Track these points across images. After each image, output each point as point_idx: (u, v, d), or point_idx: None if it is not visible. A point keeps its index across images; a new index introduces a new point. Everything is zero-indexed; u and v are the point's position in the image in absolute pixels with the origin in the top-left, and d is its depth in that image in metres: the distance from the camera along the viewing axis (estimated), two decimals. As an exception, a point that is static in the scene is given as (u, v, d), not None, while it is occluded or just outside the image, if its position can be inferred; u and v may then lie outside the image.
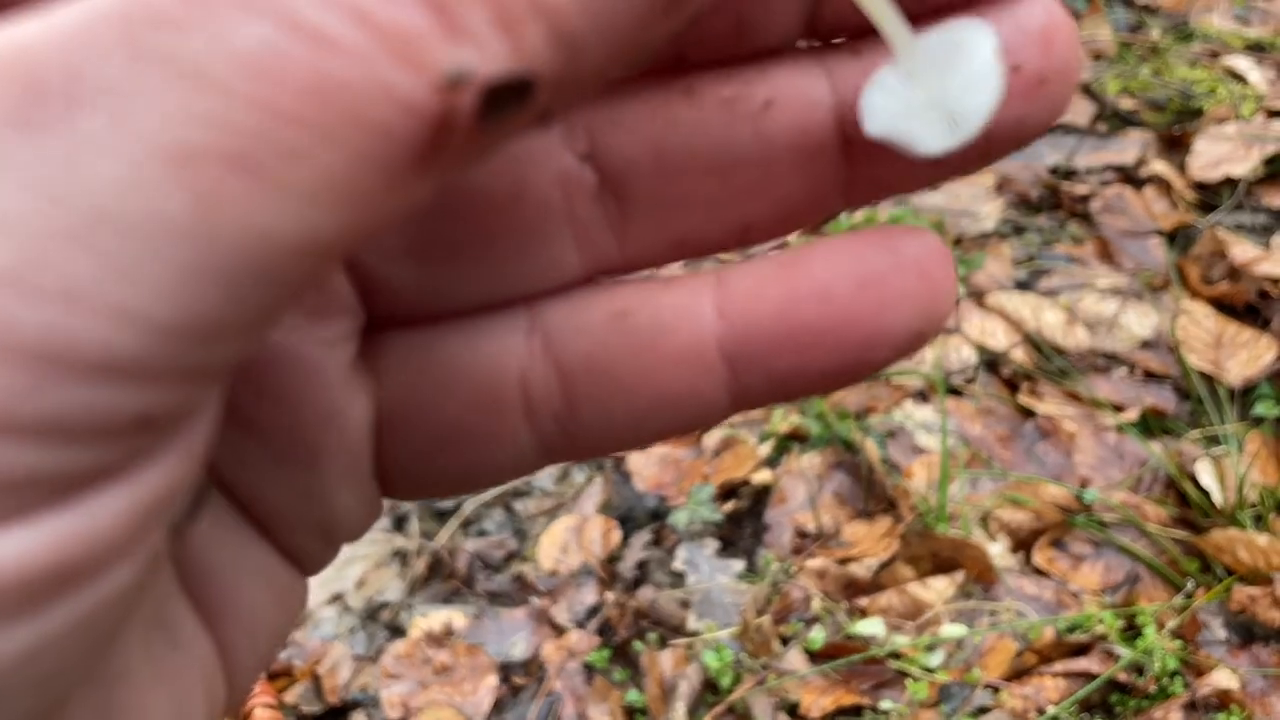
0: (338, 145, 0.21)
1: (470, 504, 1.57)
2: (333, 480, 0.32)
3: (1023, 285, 1.62)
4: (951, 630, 1.18)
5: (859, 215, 1.73)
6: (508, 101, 0.21)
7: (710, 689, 1.19)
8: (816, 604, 1.24)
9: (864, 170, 0.32)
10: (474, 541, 1.52)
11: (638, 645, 1.26)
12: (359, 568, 1.52)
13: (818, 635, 1.20)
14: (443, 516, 1.58)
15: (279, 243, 0.22)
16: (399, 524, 1.59)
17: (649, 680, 1.21)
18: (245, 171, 0.21)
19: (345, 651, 1.40)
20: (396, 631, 1.42)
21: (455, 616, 1.40)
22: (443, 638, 1.37)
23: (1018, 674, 1.16)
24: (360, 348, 0.33)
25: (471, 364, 0.33)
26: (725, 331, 0.31)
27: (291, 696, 1.36)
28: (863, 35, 0.31)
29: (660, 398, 0.32)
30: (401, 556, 1.53)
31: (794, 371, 0.31)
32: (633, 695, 1.21)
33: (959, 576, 1.24)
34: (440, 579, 1.48)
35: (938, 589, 1.23)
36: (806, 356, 0.31)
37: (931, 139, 0.29)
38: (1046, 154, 1.77)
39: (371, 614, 1.46)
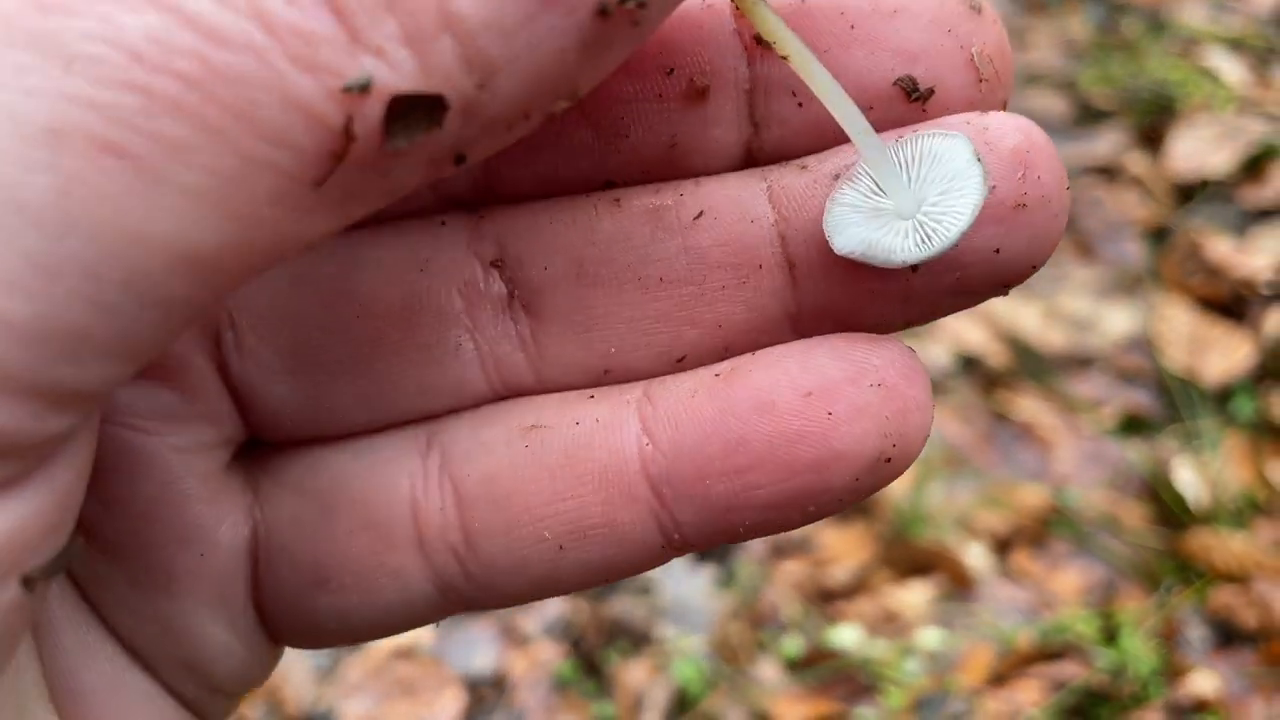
0: (225, 144, 0.19)
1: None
2: (197, 610, 0.28)
3: (998, 283, 1.59)
4: (928, 638, 1.15)
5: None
6: (416, 120, 0.20)
7: (681, 699, 1.16)
8: (791, 611, 1.21)
9: (812, 296, 0.28)
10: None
11: (608, 655, 1.23)
12: (321, 577, 1.47)
13: (793, 644, 1.17)
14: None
15: (151, 246, 0.19)
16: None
17: (619, 690, 1.18)
18: (117, 158, 0.19)
19: (307, 666, 1.36)
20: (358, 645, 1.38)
21: (420, 631, 1.36)
22: (407, 651, 1.33)
23: (996, 680, 1.13)
24: (235, 462, 0.29)
25: (358, 485, 0.29)
26: (652, 451, 0.27)
27: (252, 712, 1.31)
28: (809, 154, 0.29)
29: (575, 530, 0.28)
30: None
31: (734, 500, 0.27)
32: (603, 707, 1.18)
33: (935, 582, 1.22)
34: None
35: (914, 595, 1.21)
36: (747, 481, 0.27)
37: (906, 250, 0.27)
38: (1021, 150, 1.75)
39: (334, 625, 1.42)
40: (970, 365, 1.50)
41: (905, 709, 1.11)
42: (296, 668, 1.34)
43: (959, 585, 1.22)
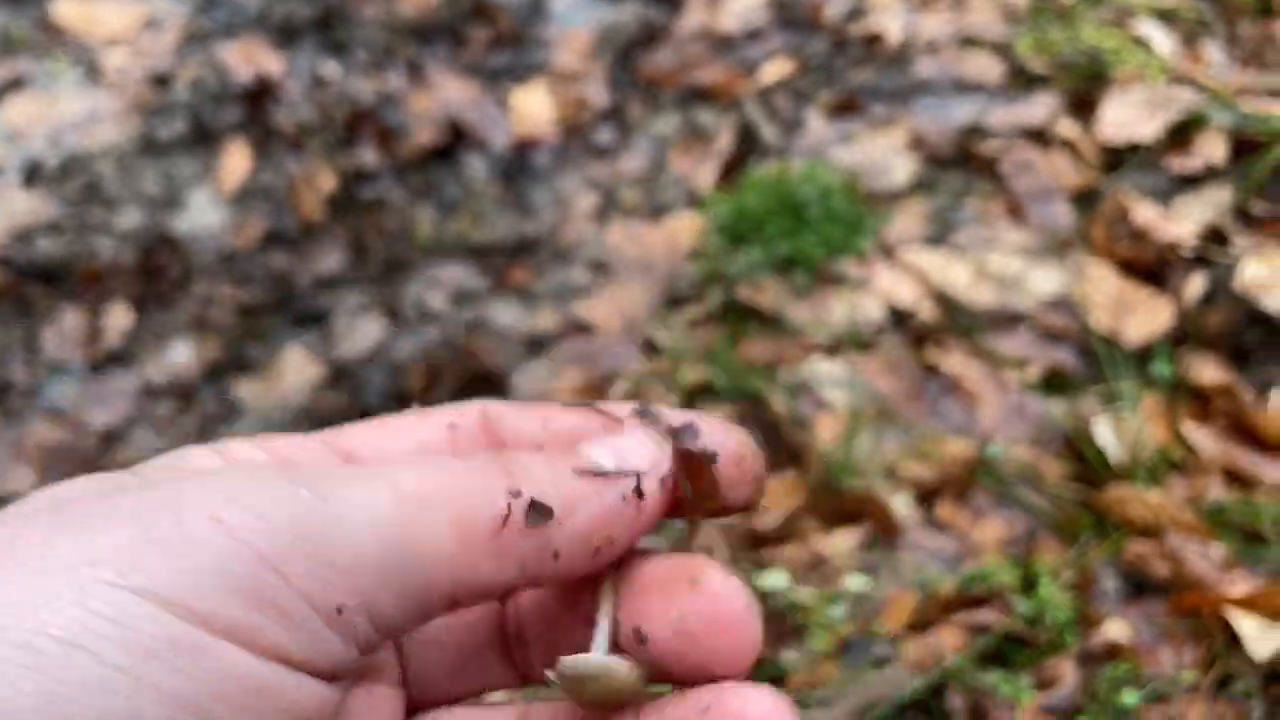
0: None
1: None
2: None
3: (932, 241, 1.62)
4: (854, 583, 1.17)
5: (774, 168, 1.71)
6: (539, 513, 0.32)
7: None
8: (720, 558, 1.22)
9: None
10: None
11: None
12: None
13: (720, 588, 1.18)
14: (335, 468, 1.51)
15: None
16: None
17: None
18: None
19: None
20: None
21: None
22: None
23: (919, 624, 1.15)
24: None
25: None
26: None
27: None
28: None
29: None
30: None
31: None
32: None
33: (862, 529, 1.23)
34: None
35: (841, 541, 1.22)
36: None
37: None
38: (956, 110, 1.77)
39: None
40: (900, 321, 1.52)
41: (830, 652, 1.13)
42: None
43: (885, 533, 1.24)
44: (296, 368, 1.63)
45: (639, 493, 0.34)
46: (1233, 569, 1.22)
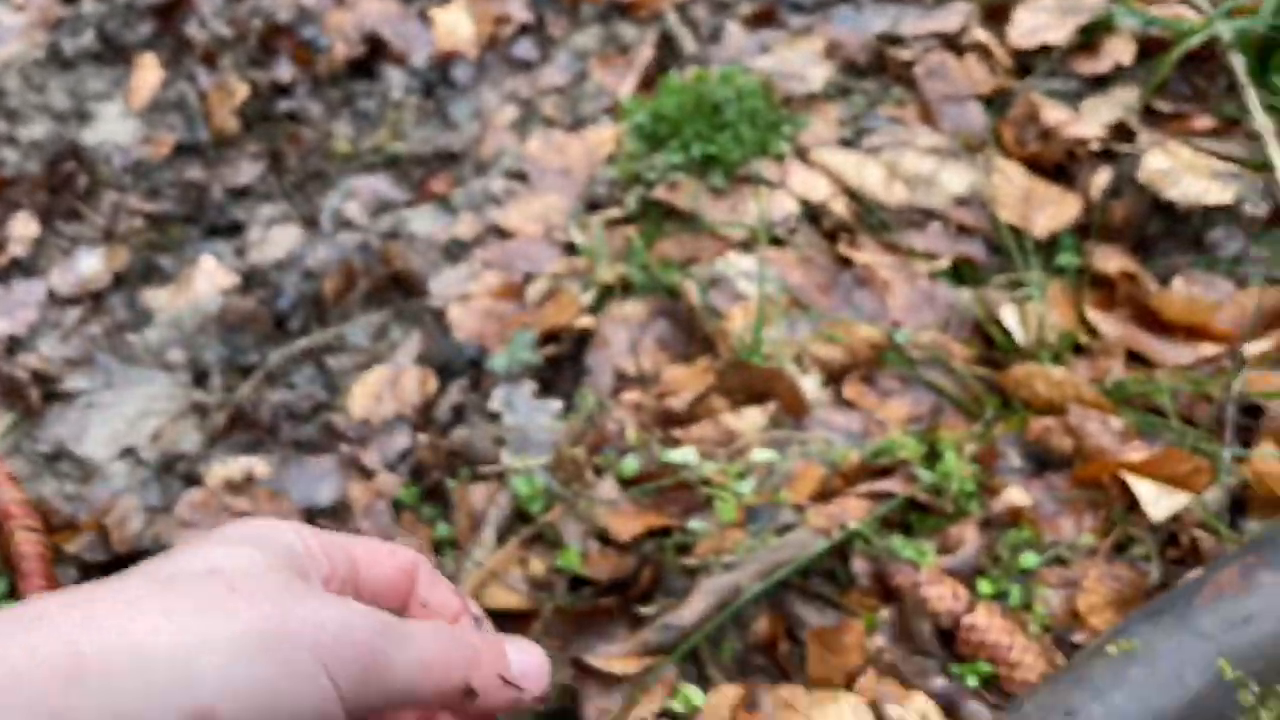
0: None
1: (276, 356, 1.49)
2: None
3: (847, 144, 1.63)
4: (761, 455, 1.18)
5: (690, 74, 1.71)
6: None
7: (521, 518, 1.16)
8: (631, 435, 1.22)
9: None
10: (280, 394, 1.44)
11: (450, 484, 1.22)
12: (154, 422, 1.42)
13: (631, 463, 1.19)
14: (247, 371, 1.49)
15: None
16: (200, 379, 1.50)
17: (459, 513, 1.18)
18: None
19: (136, 504, 1.31)
20: (193, 482, 1.34)
21: (256, 465, 1.32)
22: (242, 485, 1.30)
23: (823, 495, 1.17)
24: None
25: None
26: None
27: (74, 547, 1.26)
28: None
29: None
30: (201, 410, 1.44)
31: None
32: (441, 529, 1.18)
33: (771, 407, 1.25)
34: (242, 430, 1.40)
35: (750, 419, 1.23)
36: None
37: None
38: (873, 20, 1.78)
39: (166, 466, 1.38)
40: (815, 219, 1.53)
41: (736, 521, 1.14)
42: (124, 503, 1.29)
43: (794, 412, 1.26)
44: (207, 276, 1.60)
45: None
46: (1132, 440, 1.25)
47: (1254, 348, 1.37)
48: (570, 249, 1.59)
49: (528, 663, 0.50)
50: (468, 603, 0.55)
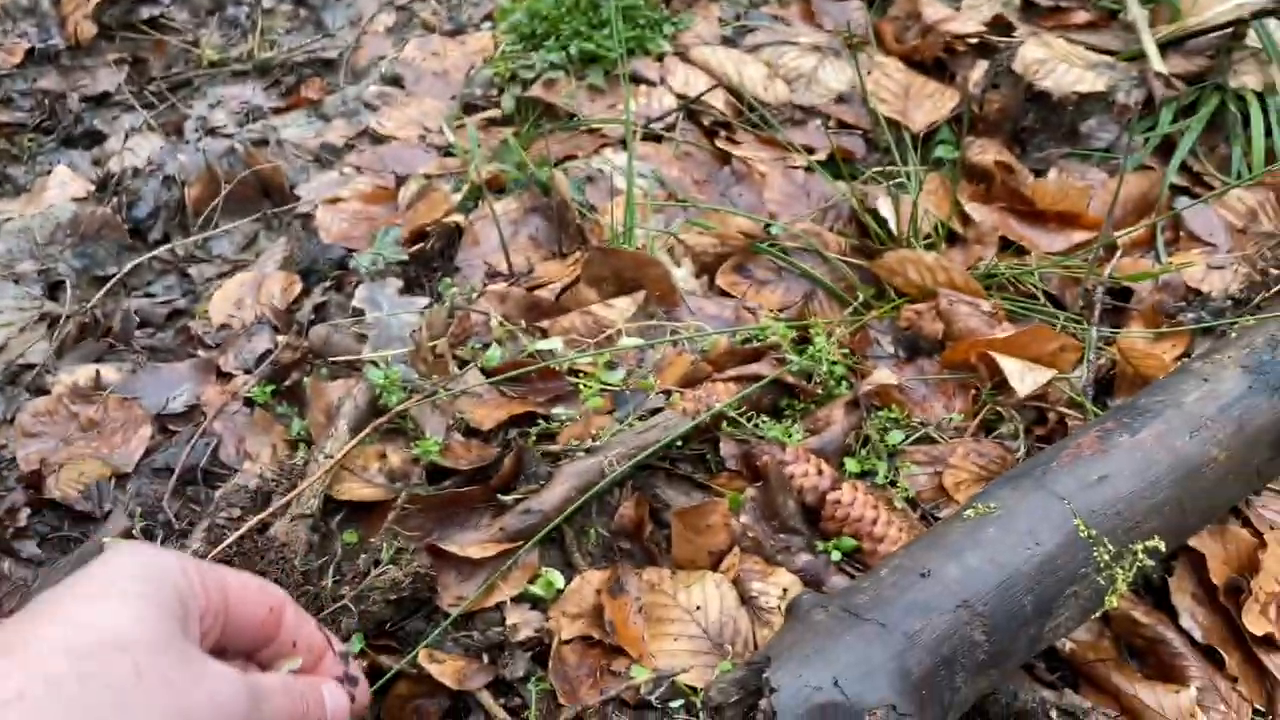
0: None
1: (132, 264, 1.42)
2: None
3: (729, 42, 1.59)
4: (629, 342, 1.15)
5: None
6: None
7: (381, 413, 1.12)
8: (495, 326, 1.18)
9: None
10: (137, 302, 1.38)
11: (305, 381, 1.17)
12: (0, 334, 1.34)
13: (494, 354, 1.15)
14: (105, 282, 1.42)
15: None
16: (52, 290, 1.42)
17: (314, 409, 1.13)
18: None
19: (-23, 414, 1.24)
20: (40, 393, 1.27)
21: (106, 372, 1.26)
22: (90, 393, 1.23)
23: (693, 381, 1.15)
24: None
25: None
26: None
27: (-92, 458, 1.19)
28: None
29: None
30: (51, 321, 1.36)
31: None
32: (296, 426, 1.13)
33: (641, 297, 1.22)
34: (93, 339, 1.33)
35: (620, 308, 1.20)
36: None
37: None
38: (758, -82, 1.74)
39: (12, 378, 1.30)
40: (695, 116, 1.50)
41: (603, 408, 1.11)
42: (-39, 413, 1.22)
43: (665, 302, 1.23)
44: (60, 185, 1.51)
45: None
46: (1001, 322, 1.25)
47: (1125, 233, 1.38)
48: (446, 152, 1.53)
49: (337, 703, 0.61)
50: (332, 640, 0.64)
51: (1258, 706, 1.01)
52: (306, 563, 1.00)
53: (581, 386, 1.12)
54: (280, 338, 1.25)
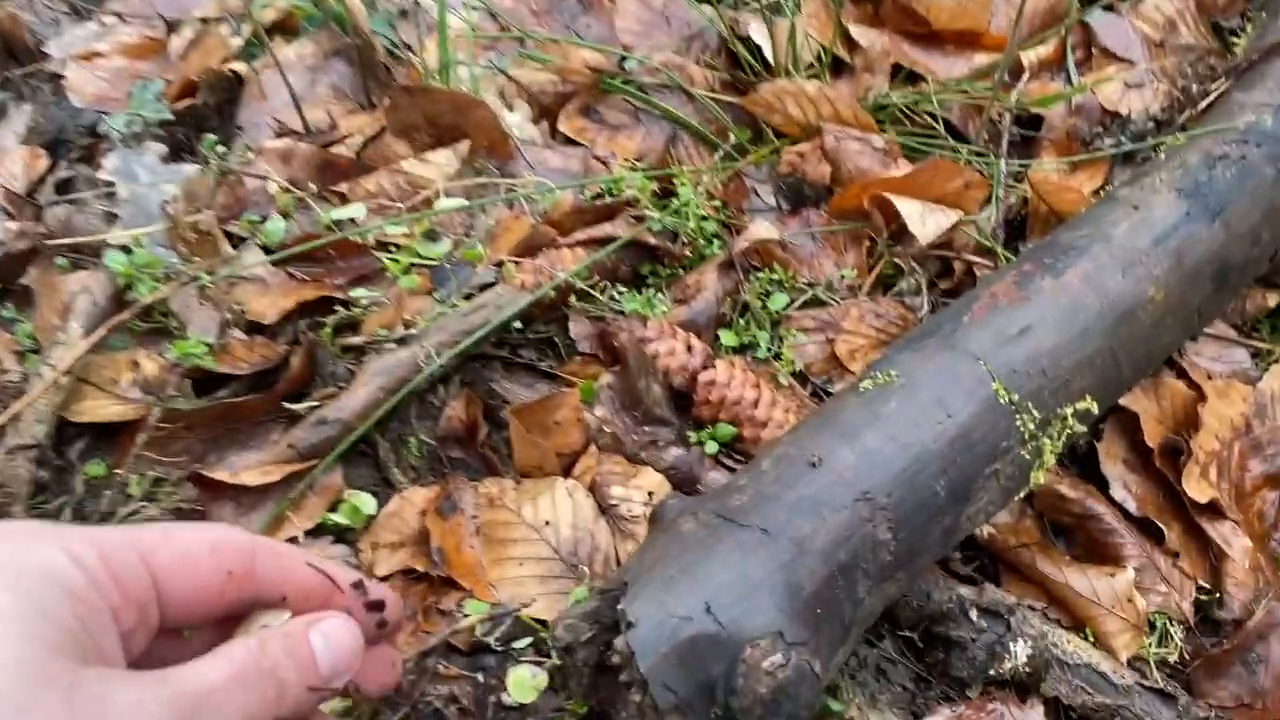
0: None
1: None
2: None
3: None
4: (448, 203, 0.93)
5: None
6: None
7: (123, 301, 0.88)
8: (279, 193, 0.95)
9: None
10: None
11: (32, 272, 0.92)
12: None
13: (277, 226, 0.92)
14: None
15: None
16: None
17: (44, 309, 0.89)
18: None
19: None
20: None
21: None
22: None
23: (532, 248, 0.93)
24: None
25: None
26: None
27: None
28: None
29: None
30: None
31: None
32: (23, 330, 0.88)
33: (465, 148, 0.99)
34: None
35: (439, 164, 0.98)
36: None
37: None
38: None
39: None
40: (530, -67, 1.25)
41: (419, 288, 0.89)
42: None
43: (496, 153, 1.01)
44: None
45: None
46: (896, 159, 1.06)
47: (1031, 53, 1.19)
48: (228, -8, 1.25)
49: (339, 650, 0.48)
50: (334, 575, 0.51)
51: (1202, 583, 0.88)
52: (36, 506, 0.78)
53: (389, 262, 0.89)
54: (10, 224, 0.99)
